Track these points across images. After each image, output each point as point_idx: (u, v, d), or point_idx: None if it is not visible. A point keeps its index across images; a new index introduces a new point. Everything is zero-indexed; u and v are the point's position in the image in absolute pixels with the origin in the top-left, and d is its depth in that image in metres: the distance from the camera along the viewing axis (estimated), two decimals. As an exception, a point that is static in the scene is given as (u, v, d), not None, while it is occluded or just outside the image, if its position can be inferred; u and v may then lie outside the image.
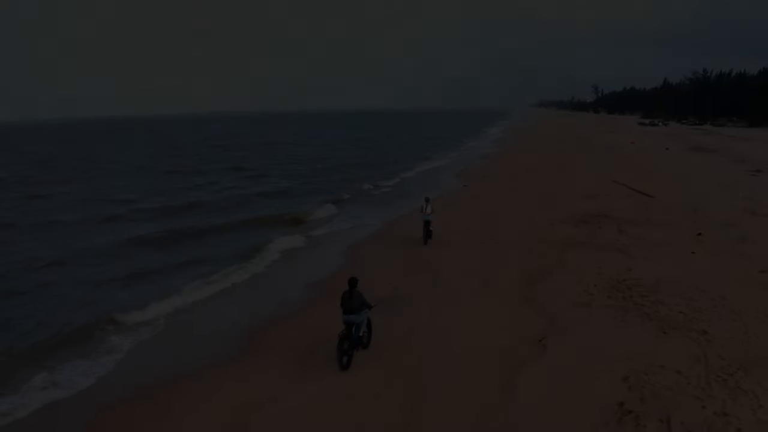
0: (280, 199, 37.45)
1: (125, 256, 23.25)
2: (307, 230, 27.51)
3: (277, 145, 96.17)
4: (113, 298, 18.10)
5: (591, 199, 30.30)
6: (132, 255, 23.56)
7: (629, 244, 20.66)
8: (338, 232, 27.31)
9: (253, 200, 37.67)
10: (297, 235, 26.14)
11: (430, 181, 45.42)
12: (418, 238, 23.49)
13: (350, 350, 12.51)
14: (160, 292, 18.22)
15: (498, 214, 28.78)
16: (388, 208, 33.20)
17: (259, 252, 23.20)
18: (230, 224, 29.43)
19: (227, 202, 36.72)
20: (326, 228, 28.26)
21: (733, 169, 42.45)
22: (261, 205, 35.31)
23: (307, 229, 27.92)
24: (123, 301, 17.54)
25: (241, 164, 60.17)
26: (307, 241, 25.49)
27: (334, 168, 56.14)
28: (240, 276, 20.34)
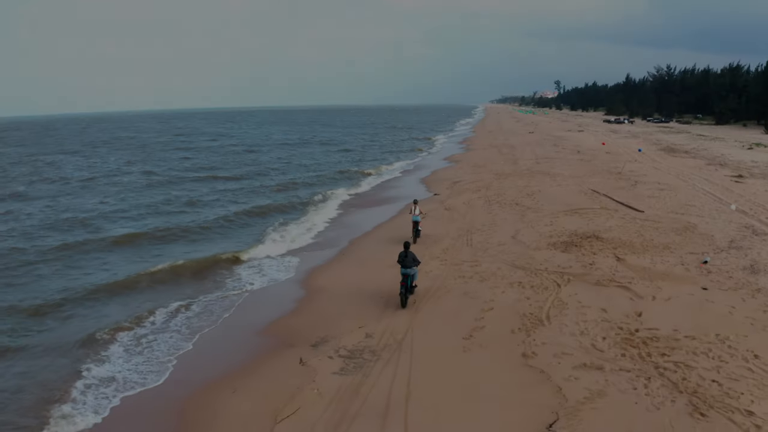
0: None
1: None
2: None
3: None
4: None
5: (575, 215, 27.82)
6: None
7: (632, 278, 18.07)
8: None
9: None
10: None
11: (394, 189, 42.71)
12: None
13: (406, 295, 17.62)
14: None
15: (476, 231, 26.17)
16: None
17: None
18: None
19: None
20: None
21: (714, 175, 40.54)
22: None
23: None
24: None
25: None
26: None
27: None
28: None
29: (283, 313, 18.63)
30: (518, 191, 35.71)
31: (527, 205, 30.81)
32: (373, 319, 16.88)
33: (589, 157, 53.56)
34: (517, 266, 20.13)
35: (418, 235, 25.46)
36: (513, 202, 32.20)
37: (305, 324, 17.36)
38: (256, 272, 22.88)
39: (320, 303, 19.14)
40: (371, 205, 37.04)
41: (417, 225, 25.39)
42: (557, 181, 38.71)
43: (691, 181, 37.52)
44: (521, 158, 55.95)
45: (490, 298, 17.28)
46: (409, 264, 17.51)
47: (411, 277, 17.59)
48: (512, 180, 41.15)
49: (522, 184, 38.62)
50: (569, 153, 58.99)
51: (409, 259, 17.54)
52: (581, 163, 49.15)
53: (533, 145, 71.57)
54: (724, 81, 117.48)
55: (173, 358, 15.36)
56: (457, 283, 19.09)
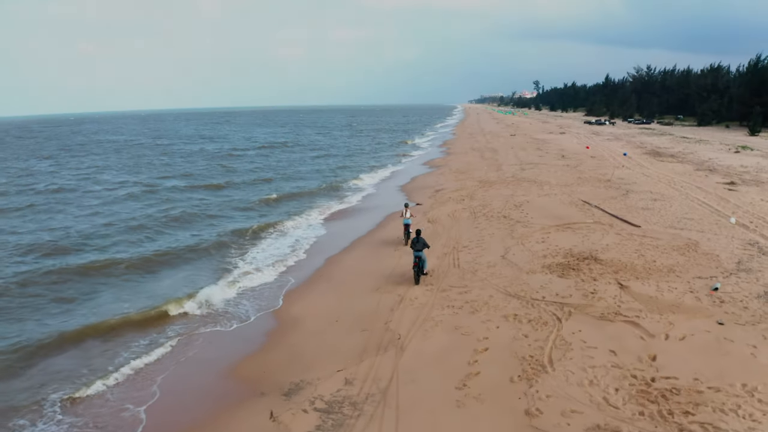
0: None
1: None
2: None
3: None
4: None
5: (568, 230, 26.10)
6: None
7: (639, 310, 16.30)
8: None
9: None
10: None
11: (372, 198, 40.83)
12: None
13: (419, 274, 20.41)
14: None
15: (462, 249, 24.40)
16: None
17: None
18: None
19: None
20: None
21: (705, 182, 39.15)
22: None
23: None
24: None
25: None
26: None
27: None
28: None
29: (253, 350, 16.77)
30: (505, 201, 33.97)
31: (516, 218, 29.05)
32: (352, 359, 15.04)
33: (575, 163, 52.04)
34: (510, 294, 18.32)
35: (409, 236, 26.30)
36: (500, 214, 30.44)
37: (278, 364, 15.49)
38: (223, 300, 20.86)
39: (294, 337, 17.29)
40: (348, 217, 35.15)
41: (408, 228, 26.53)
42: (545, 190, 37.03)
43: (683, 189, 36.03)
44: (505, 163, 54.31)
45: (483, 335, 15.44)
46: (419, 248, 20.38)
47: (422, 261, 20.53)
48: (497, 188, 39.44)
49: (508, 193, 36.92)
50: (554, 158, 57.45)
51: (420, 244, 20.39)
52: (567, 169, 47.56)
53: (516, 148, 70.04)
54: (706, 82, 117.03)
55: (126, 414, 13.38)
56: (446, 314, 17.25)
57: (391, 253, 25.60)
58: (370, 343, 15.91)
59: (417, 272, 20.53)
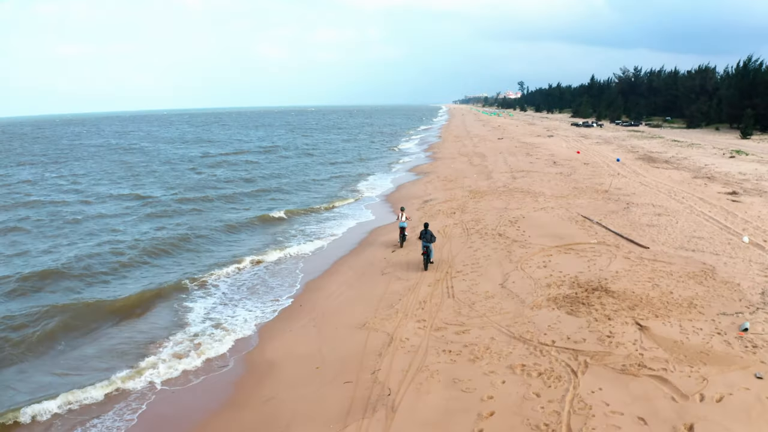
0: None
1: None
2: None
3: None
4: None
5: (570, 252, 24.01)
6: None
7: (665, 361, 14.14)
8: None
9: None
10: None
11: (356, 212, 38.63)
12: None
13: (427, 262, 23.30)
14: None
15: (456, 274, 22.31)
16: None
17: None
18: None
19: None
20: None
21: (706, 192, 37.32)
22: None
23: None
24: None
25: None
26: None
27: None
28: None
29: (216, 407, 14.53)
30: (498, 216, 31.85)
31: (512, 237, 26.93)
32: (336, 421, 12.85)
33: (568, 170, 50.07)
34: (515, 336, 16.15)
35: (405, 239, 27.64)
36: (495, 231, 28.31)
37: (248, 427, 13.28)
38: (187, 339, 18.54)
39: (269, 388, 15.11)
40: (332, 230, 32.89)
41: (403, 231, 27.62)
42: (540, 203, 34.96)
43: (686, 201, 34.11)
44: (495, 171, 52.25)
45: (487, 393, 13.25)
46: (428, 240, 23.10)
47: (430, 251, 23.23)
48: (489, 200, 37.34)
49: (501, 206, 34.82)
50: (545, 164, 55.49)
51: (429, 236, 23.12)
52: (561, 177, 45.56)
53: (505, 153, 68.08)
54: (694, 83, 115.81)
55: None
56: (442, 361, 15.06)
57: (377, 277, 23.47)
58: (356, 399, 13.71)
59: (426, 259, 23.35)
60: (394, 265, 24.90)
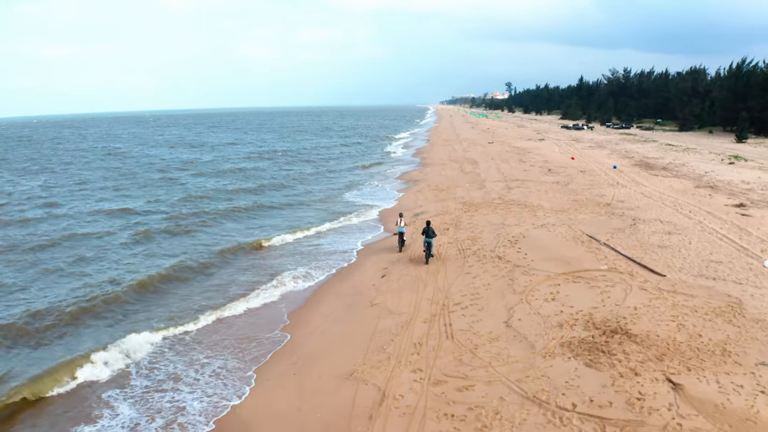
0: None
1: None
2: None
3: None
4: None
5: (580, 280, 21.76)
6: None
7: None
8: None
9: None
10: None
11: (341, 232, 36.27)
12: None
13: (428, 256, 25.35)
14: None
15: (454, 307, 20.07)
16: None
17: None
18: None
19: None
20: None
21: (713, 204, 35.34)
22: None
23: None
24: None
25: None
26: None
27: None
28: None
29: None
30: (496, 234, 29.63)
31: (513, 261, 24.68)
32: None
33: (565, 179, 47.93)
34: (527, 396, 13.83)
35: (404, 244, 28.67)
36: (493, 253, 26.05)
37: None
38: (127, 397, 16.15)
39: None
40: (315, 258, 30.47)
41: (402, 236, 28.64)
42: (539, 218, 32.74)
43: (694, 216, 32.05)
44: (488, 179, 50.05)
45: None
46: (430, 235, 25.15)
47: (431, 246, 25.32)
48: (484, 213, 35.11)
49: (497, 221, 32.60)
50: (540, 172, 53.36)
51: (431, 232, 25.16)
52: (558, 188, 43.40)
53: (497, 159, 65.96)
54: (685, 85, 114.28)
55: None
56: (444, 430, 12.76)
57: (366, 310, 21.21)
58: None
59: (427, 254, 25.44)
60: (385, 293, 22.63)
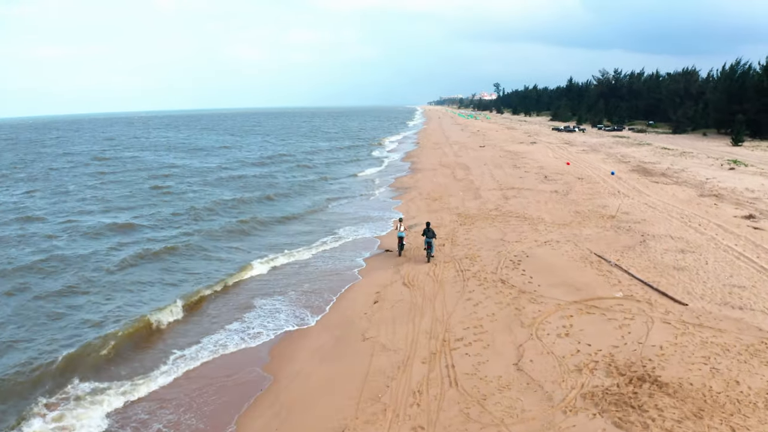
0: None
1: None
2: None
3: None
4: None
5: (594, 311, 19.70)
6: None
7: None
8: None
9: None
10: None
11: (328, 254, 34.00)
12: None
13: (429, 255, 26.82)
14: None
15: (456, 343, 18.03)
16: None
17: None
18: None
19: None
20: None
21: (721, 216, 33.59)
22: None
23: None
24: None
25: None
26: None
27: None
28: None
29: None
30: (496, 252, 27.60)
31: (518, 286, 22.61)
32: None
33: (562, 187, 46.00)
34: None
35: (403, 248, 29.04)
36: (496, 276, 23.99)
37: None
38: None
39: None
40: (297, 287, 28.21)
41: (402, 240, 28.89)
42: (541, 233, 30.73)
43: (705, 230, 30.21)
44: (483, 187, 48.05)
45: None
46: (430, 236, 26.52)
47: (432, 246, 26.78)
48: (481, 227, 33.09)
49: (496, 236, 30.59)
50: (536, 179, 51.40)
51: (430, 233, 26.55)
52: (558, 198, 41.41)
53: (489, 164, 64.02)
54: (678, 87, 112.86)
55: None
56: None
57: (358, 345, 19.10)
58: None
59: (428, 252, 27.00)
60: (377, 324, 20.51)
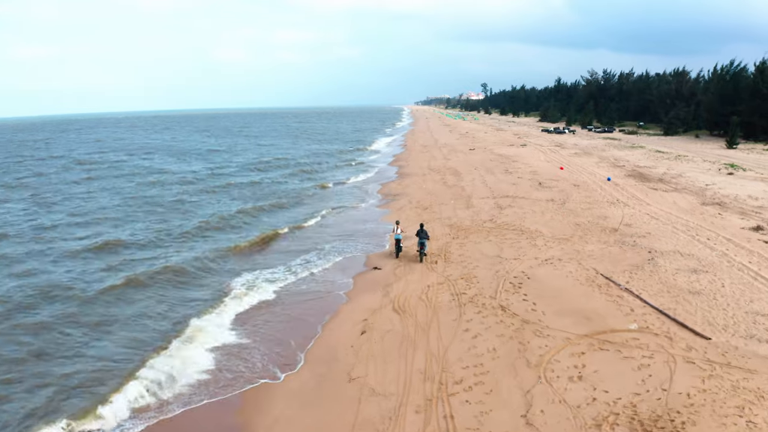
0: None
1: None
2: None
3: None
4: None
5: (608, 347, 17.61)
6: None
7: None
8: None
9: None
10: None
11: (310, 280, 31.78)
12: None
13: (422, 255, 27.76)
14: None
15: (454, 387, 15.90)
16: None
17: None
18: None
19: None
20: None
21: (728, 227, 31.88)
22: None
23: None
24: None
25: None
26: None
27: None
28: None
29: None
30: (493, 271, 25.52)
31: (521, 315, 20.49)
32: None
33: (559, 195, 44.01)
34: None
35: (401, 250, 29.61)
36: (495, 302, 21.84)
37: None
38: None
39: None
40: (284, 311, 25.99)
41: (399, 242, 29.52)
42: (541, 249, 28.68)
43: (714, 244, 28.40)
44: (474, 195, 46.03)
45: None
46: (423, 237, 27.84)
47: (425, 246, 27.90)
48: (475, 241, 31.02)
49: (493, 253, 28.51)
50: (530, 185, 49.40)
51: (424, 234, 27.89)
52: (555, 207, 39.32)
53: (480, 169, 62.03)
54: (669, 88, 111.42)
55: None
56: None
57: (343, 387, 16.96)
58: None
59: (421, 253, 27.85)
60: (365, 360, 18.39)
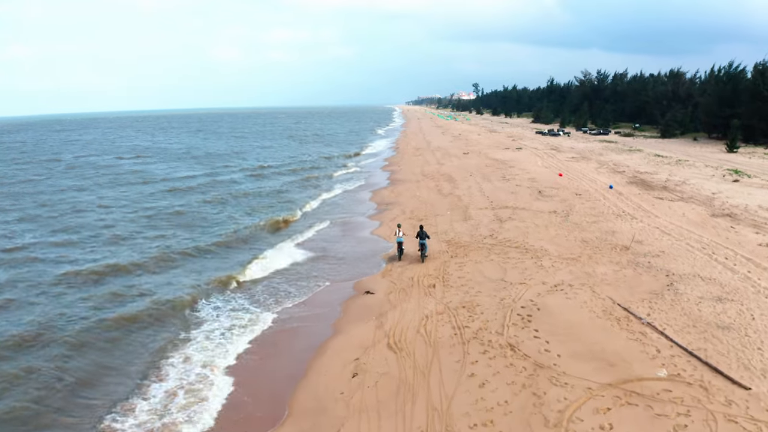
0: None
1: None
2: None
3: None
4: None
5: (636, 401, 15.30)
6: None
7: None
8: None
9: None
10: None
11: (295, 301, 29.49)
12: None
13: (423, 255, 29.36)
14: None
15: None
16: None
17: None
18: None
19: None
20: None
21: (743, 242, 29.99)
22: None
23: None
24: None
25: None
26: None
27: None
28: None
29: None
30: (498, 299, 23.19)
31: (533, 356, 18.14)
32: None
33: (562, 206, 41.64)
34: None
35: (402, 253, 30.61)
36: (503, 339, 19.48)
37: None
38: None
39: None
40: (273, 351, 23.68)
41: (401, 245, 30.49)
42: (548, 272, 26.34)
43: (734, 265, 26.30)
44: (472, 205, 43.76)
45: None
46: (423, 237, 29.30)
47: (425, 247, 29.52)
48: (476, 261, 28.72)
49: (496, 276, 26.21)
50: (529, 194, 47.09)
51: (423, 235, 29.29)
52: (558, 220, 37.01)
53: (476, 176, 59.79)
54: (666, 89, 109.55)
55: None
56: None
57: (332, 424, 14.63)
58: None
59: (422, 254, 29.45)
60: (357, 413, 16.08)
